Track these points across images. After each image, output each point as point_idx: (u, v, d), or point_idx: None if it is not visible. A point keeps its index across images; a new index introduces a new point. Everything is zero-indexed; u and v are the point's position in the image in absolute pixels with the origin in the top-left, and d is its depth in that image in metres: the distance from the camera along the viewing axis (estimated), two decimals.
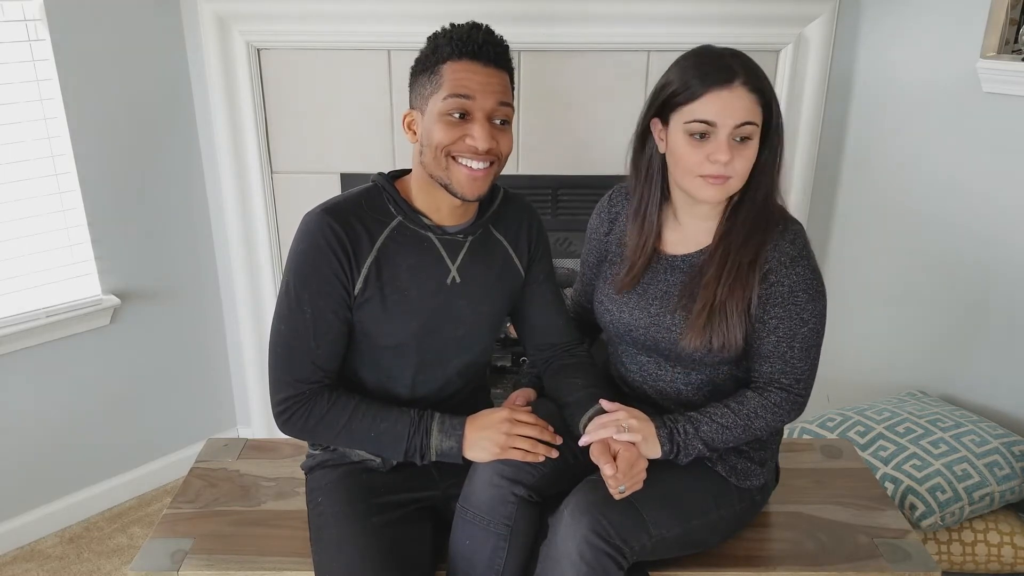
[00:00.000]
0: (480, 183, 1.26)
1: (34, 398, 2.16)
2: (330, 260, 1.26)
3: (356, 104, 2.22)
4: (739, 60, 1.26)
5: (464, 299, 1.36)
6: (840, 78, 2.32)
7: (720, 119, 1.24)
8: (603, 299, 1.46)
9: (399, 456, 1.33)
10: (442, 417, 1.33)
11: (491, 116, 1.24)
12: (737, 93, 1.24)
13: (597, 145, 2.26)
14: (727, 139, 1.24)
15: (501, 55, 1.26)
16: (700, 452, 1.32)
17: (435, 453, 1.31)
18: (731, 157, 1.25)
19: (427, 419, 1.32)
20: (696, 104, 1.25)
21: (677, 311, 1.35)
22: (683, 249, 1.39)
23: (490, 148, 1.24)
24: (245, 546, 1.42)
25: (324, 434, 1.35)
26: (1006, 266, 2.03)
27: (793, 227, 1.33)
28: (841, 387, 2.52)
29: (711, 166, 1.26)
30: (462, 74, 1.22)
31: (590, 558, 1.18)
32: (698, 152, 1.26)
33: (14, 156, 2.01)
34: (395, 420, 1.32)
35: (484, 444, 1.29)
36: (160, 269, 2.32)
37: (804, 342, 1.32)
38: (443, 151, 1.24)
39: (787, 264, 1.29)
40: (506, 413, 1.31)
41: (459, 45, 1.23)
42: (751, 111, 1.25)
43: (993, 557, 1.87)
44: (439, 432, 1.31)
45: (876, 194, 2.35)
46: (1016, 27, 1.99)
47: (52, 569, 2.13)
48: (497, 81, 1.25)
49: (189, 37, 2.19)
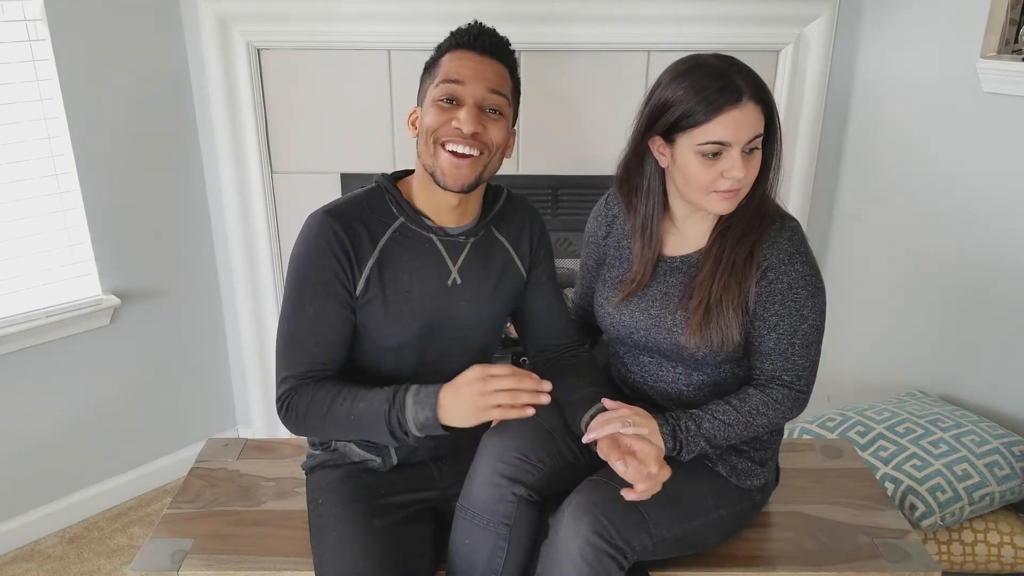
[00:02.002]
0: (464, 171, 1.25)
1: (34, 398, 2.16)
2: (331, 261, 1.27)
3: (356, 104, 2.22)
4: (742, 74, 1.24)
5: (465, 300, 1.36)
6: (840, 78, 2.32)
7: (734, 138, 1.23)
8: (603, 302, 1.46)
9: (384, 437, 1.26)
10: (417, 388, 1.24)
11: (481, 103, 1.25)
12: (746, 110, 1.23)
13: (597, 145, 2.26)
14: (740, 155, 1.24)
15: (498, 46, 1.27)
16: (703, 449, 1.32)
17: (415, 426, 1.22)
18: (746, 172, 1.25)
19: (402, 392, 1.24)
20: (708, 126, 1.23)
21: (678, 311, 1.35)
22: (682, 250, 1.40)
23: (475, 132, 1.24)
24: (245, 546, 1.42)
25: (313, 423, 1.30)
26: (1006, 266, 2.03)
27: (790, 224, 1.33)
28: (841, 387, 2.52)
29: (726, 182, 1.26)
30: (456, 62, 1.25)
31: (591, 558, 1.18)
32: (712, 170, 1.26)
33: (14, 156, 2.01)
34: (372, 399, 1.25)
35: (461, 408, 1.19)
36: (160, 269, 2.32)
37: (805, 338, 1.32)
38: (431, 135, 1.25)
39: (785, 261, 1.30)
40: (478, 371, 1.19)
41: (457, 37, 1.26)
42: (759, 123, 1.25)
43: (993, 557, 1.87)
44: (414, 404, 1.22)
45: (876, 194, 2.35)
46: (1016, 27, 1.99)
47: (52, 569, 2.13)
48: (491, 69, 1.25)
49: (189, 37, 2.19)
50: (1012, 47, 2.00)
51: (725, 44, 2.17)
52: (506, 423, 1.35)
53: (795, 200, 2.37)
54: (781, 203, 1.38)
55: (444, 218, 1.34)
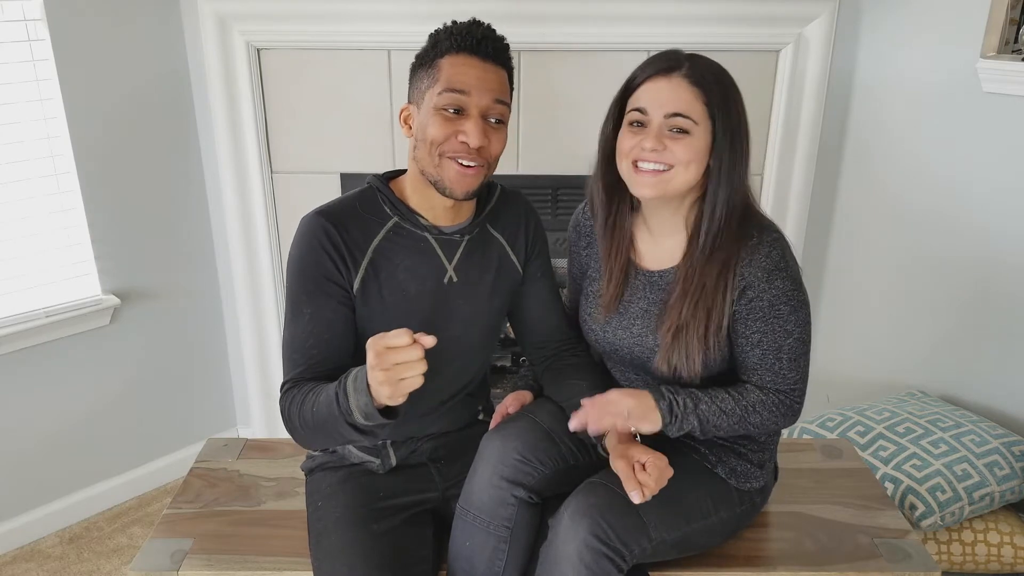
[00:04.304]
0: (470, 181, 1.25)
1: (34, 398, 2.16)
2: (325, 261, 1.27)
3: (356, 104, 2.22)
4: (693, 58, 1.25)
5: (462, 298, 1.36)
6: (840, 78, 2.32)
7: (651, 107, 1.24)
8: (586, 318, 1.45)
9: (346, 430, 1.16)
10: (355, 373, 1.14)
11: (486, 114, 1.24)
12: (675, 83, 1.23)
13: (597, 145, 2.26)
14: (657, 128, 1.24)
15: (500, 51, 1.26)
16: (693, 429, 1.28)
17: (360, 414, 1.13)
18: (656, 145, 1.23)
19: (344, 379, 1.16)
20: (636, 93, 1.26)
21: (657, 331, 1.33)
22: (660, 264, 1.37)
23: (482, 147, 1.23)
24: (245, 546, 1.42)
25: (297, 424, 1.24)
26: (1006, 266, 2.03)
27: (769, 237, 1.28)
28: (841, 387, 2.52)
29: (641, 152, 1.25)
30: (459, 68, 1.22)
31: (590, 561, 1.18)
32: (632, 139, 1.26)
33: (14, 156, 2.01)
34: (327, 389, 1.18)
35: (379, 388, 1.08)
36: (160, 269, 2.32)
37: (791, 353, 1.30)
38: (436, 148, 1.24)
39: (764, 279, 1.26)
40: (373, 344, 1.07)
41: (458, 39, 1.23)
42: (687, 104, 1.22)
43: (993, 557, 1.87)
44: (354, 391, 1.13)
45: (876, 194, 2.35)
46: (1016, 27, 1.99)
47: (52, 569, 2.13)
48: (494, 78, 1.24)
49: (189, 37, 2.19)
50: (1012, 47, 2.00)
51: (725, 44, 2.17)
52: (506, 424, 1.35)
53: (795, 200, 2.37)
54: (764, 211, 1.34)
55: (439, 217, 1.34)
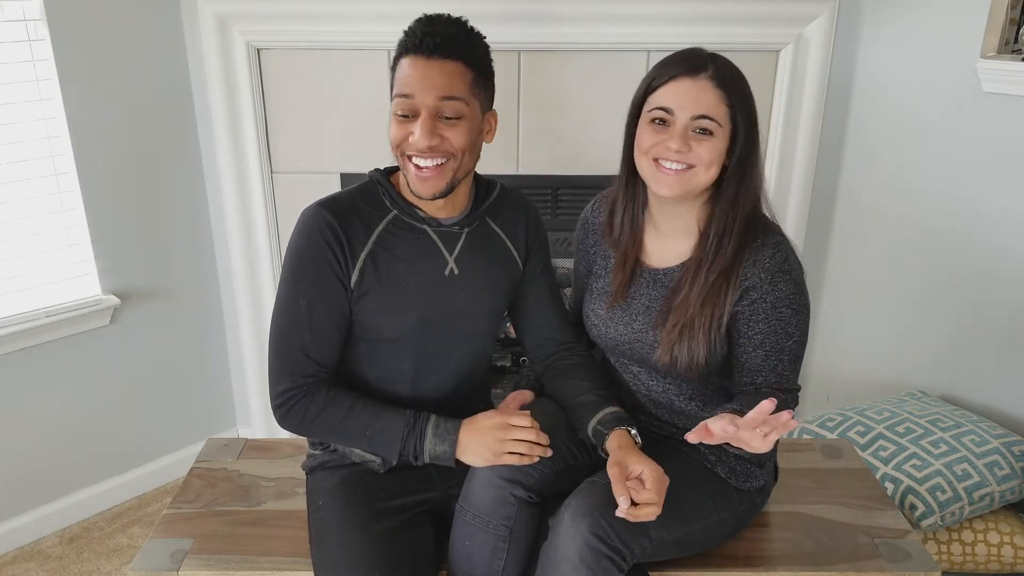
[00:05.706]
0: (432, 182, 1.26)
1: (34, 398, 2.16)
2: (325, 252, 1.27)
3: (356, 104, 2.22)
4: (717, 60, 1.27)
5: (463, 291, 1.36)
6: (840, 78, 2.32)
7: (677, 107, 1.24)
8: (589, 313, 1.46)
9: (393, 456, 1.33)
10: (437, 420, 1.31)
11: (436, 112, 1.23)
12: (701, 85, 1.24)
13: (597, 145, 2.26)
14: (683, 128, 1.25)
15: (446, 43, 1.21)
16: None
17: (428, 456, 1.30)
18: (682, 146, 1.24)
19: (422, 422, 1.31)
20: (660, 91, 1.27)
21: (658, 327, 1.34)
22: (665, 262, 1.38)
23: (432, 145, 1.23)
24: (245, 546, 1.42)
25: (320, 431, 1.35)
26: (1006, 266, 2.03)
27: (773, 239, 1.30)
28: (841, 387, 2.52)
29: (664, 151, 1.25)
30: (405, 72, 1.23)
31: (590, 560, 1.18)
32: (655, 136, 1.27)
33: (14, 156, 2.00)
34: (391, 420, 1.31)
35: (478, 450, 1.28)
36: (160, 269, 2.32)
37: (792, 354, 1.31)
38: (397, 150, 1.27)
39: (767, 280, 1.28)
40: (500, 419, 1.29)
41: (404, 41, 1.24)
42: (712, 106, 1.24)
43: (993, 557, 1.87)
44: (433, 436, 1.30)
45: (876, 194, 2.34)
46: (1016, 27, 1.99)
47: (52, 569, 2.13)
48: (438, 74, 1.21)
49: (189, 37, 2.19)
50: (1012, 47, 2.00)
51: (725, 44, 2.16)
52: None
53: (795, 200, 2.37)
54: (771, 213, 1.35)
55: (433, 209, 1.34)
